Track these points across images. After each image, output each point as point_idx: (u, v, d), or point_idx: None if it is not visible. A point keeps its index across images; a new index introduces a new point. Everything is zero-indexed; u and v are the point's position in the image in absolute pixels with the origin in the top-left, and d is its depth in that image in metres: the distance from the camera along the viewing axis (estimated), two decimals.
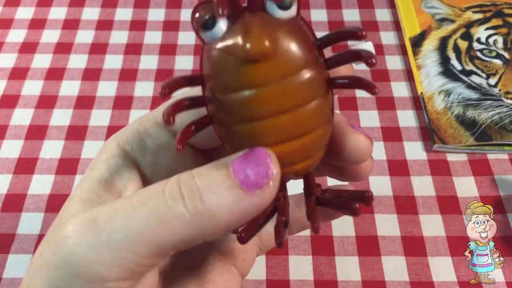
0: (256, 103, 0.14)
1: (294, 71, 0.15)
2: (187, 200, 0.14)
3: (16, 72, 0.39)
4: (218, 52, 0.14)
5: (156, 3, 0.44)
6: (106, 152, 0.17)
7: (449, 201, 0.32)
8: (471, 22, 0.40)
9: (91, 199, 0.16)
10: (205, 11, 0.14)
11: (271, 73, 0.14)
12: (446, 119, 0.35)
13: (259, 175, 0.14)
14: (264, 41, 0.14)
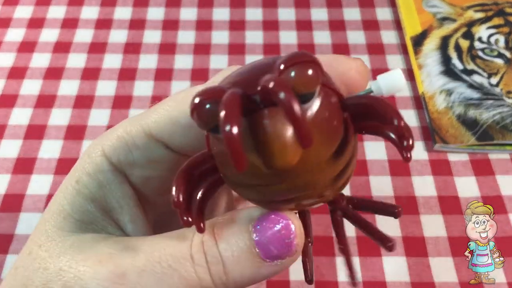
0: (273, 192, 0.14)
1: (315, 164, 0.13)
2: (212, 272, 0.14)
3: (14, 72, 0.39)
4: None
5: (155, 2, 0.44)
6: (92, 164, 0.16)
7: (450, 201, 0.32)
8: (473, 21, 0.40)
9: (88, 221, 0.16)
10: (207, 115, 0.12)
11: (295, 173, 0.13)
12: (447, 119, 0.35)
13: (282, 250, 0.14)
14: (287, 157, 0.12)
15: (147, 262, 0.14)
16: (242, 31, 0.42)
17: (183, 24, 0.43)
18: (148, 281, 0.14)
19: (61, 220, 0.15)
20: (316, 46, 0.41)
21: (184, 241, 0.15)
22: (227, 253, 0.14)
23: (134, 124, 0.17)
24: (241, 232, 0.14)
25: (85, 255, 0.14)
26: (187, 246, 0.14)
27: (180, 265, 0.14)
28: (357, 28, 0.42)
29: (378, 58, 0.40)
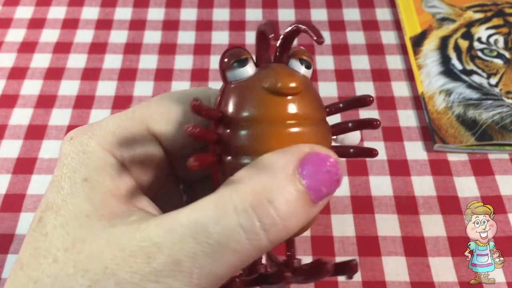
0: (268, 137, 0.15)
1: (308, 118, 0.16)
2: (270, 233, 0.14)
3: (15, 72, 0.39)
4: (249, 86, 0.16)
5: (155, 3, 0.44)
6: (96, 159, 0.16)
7: (450, 201, 0.32)
8: (472, 22, 0.40)
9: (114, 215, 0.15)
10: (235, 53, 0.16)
11: (290, 111, 0.16)
12: (446, 119, 0.35)
13: (332, 188, 0.14)
14: (294, 80, 0.16)
15: (196, 244, 0.13)
16: (242, 31, 0.42)
17: (183, 24, 0.43)
18: (203, 263, 0.13)
19: (85, 220, 0.15)
20: (316, 46, 0.41)
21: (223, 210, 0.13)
22: (284, 208, 0.13)
23: (127, 118, 0.17)
24: (291, 181, 0.14)
25: (130, 251, 0.14)
26: (232, 216, 0.13)
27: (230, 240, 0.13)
28: (357, 29, 0.42)
29: (377, 58, 0.40)
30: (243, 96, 0.16)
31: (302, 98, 0.16)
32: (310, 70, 0.17)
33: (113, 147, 0.16)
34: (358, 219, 0.31)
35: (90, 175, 0.15)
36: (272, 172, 0.14)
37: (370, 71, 0.39)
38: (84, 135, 0.16)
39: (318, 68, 0.40)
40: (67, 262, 0.14)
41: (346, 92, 0.38)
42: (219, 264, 0.13)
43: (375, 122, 0.17)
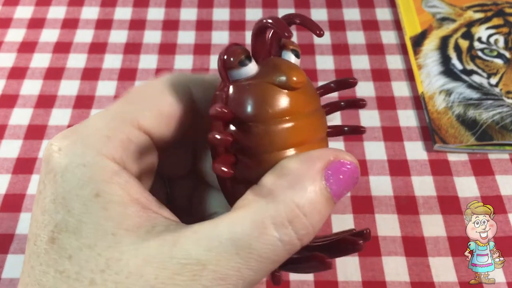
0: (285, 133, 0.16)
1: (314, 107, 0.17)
2: (304, 240, 0.15)
3: (15, 72, 0.39)
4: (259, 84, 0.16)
5: (155, 2, 0.44)
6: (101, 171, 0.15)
7: (450, 201, 0.32)
8: (472, 22, 0.40)
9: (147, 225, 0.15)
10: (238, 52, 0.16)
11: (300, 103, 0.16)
12: (447, 119, 0.35)
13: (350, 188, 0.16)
14: (301, 73, 0.16)
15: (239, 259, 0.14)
16: (242, 31, 0.42)
17: (183, 24, 0.43)
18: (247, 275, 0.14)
19: (112, 238, 0.14)
20: (316, 46, 0.41)
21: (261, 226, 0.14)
22: (315, 218, 0.15)
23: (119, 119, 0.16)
24: (320, 194, 0.15)
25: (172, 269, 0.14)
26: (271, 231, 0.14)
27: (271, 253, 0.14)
28: (357, 28, 0.42)
29: (377, 58, 0.40)
30: (256, 94, 0.16)
31: (307, 89, 0.17)
32: (299, 59, 0.18)
33: (111, 152, 0.16)
34: (358, 219, 0.31)
35: (100, 190, 0.15)
36: (303, 184, 0.15)
37: (370, 71, 0.39)
38: (76, 144, 0.16)
39: (318, 68, 0.40)
40: (107, 284, 0.14)
41: (346, 92, 0.38)
42: (261, 274, 0.15)
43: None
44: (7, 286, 0.29)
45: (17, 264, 0.29)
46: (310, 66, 0.40)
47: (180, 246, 0.14)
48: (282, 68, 0.16)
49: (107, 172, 0.15)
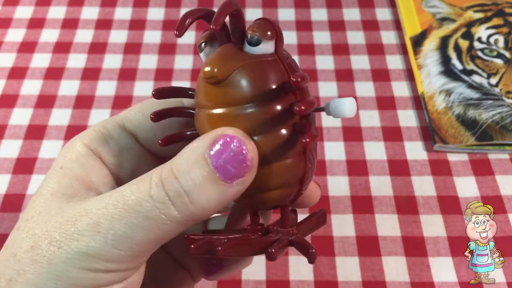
0: (206, 121, 0.16)
1: (241, 101, 0.16)
2: (177, 204, 0.15)
3: (15, 72, 0.39)
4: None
5: (155, 2, 0.44)
6: (74, 151, 0.18)
7: (450, 201, 0.32)
8: (472, 22, 0.40)
9: (72, 194, 0.17)
10: (204, 37, 0.17)
11: (220, 97, 0.16)
12: (446, 119, 0.35)
13: (239, 168, 0.15)
14: (213, 68, 0.16)
15: (115, 209, 0.15)
16: None
17: None
18: (118, 226, 0.15)
19: (48, 197, 0.17)
20: (316, 46, 0.41)
21: (143, 183, 0.16)
22: (188, 183, 0.15)
23: (110, 120, 0.19)
24: (198, 161, 0.15)
25: (67, 217, 0.16)
26: (146, 187, 0.16)
27: (142, 206, 0.15)
28: (357, 28, 0.42)
29: (377, 58, 0.40)
30: (198, 81, 0.17)
31: (232, 83, 0.16)
32: (260, 45, 0.16)
33: (91, 142, 0.18)
34: (358, 219, 0.31)
35: (65, 164, 0.18)
36: (186, 153, 0.16)
37: (370, 71, 0.39)
38: (78, 135, 0.19)
39: (318, 68, 0.40)
40: (24, 229, 0.17)
41: (346, 92, 0.38)
42: (132, 228, 0.15)
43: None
44: None
45: None
46: (310, 66, 0.40)
47: (84, 203, 0.16)
48: (207, 60, 0.16)
49: (77, 153, 0.18)
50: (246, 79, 0.16)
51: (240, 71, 0.16)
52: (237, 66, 0.16)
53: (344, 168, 0.34)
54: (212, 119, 0.16)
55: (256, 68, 0.16)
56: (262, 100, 0.16)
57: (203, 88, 0.16)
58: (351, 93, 0.38)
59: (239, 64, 0.16)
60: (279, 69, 0.16)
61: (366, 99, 0.37)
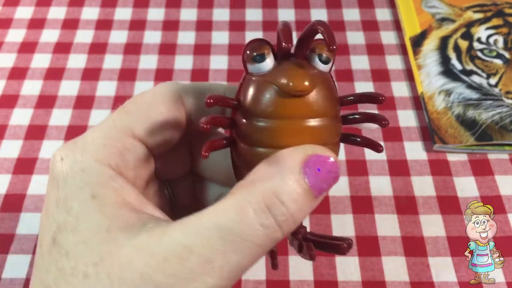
0: (279, 133, 0.17)
1: (318, 115, 0.17)
2: (284, 228, 0.16)
3: (15, 72, 0.39)
4: (264, 83, 0.17)
5: (155, 3, 0.44)
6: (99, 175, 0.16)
7: (450, 201, 0.32)
8: (472, 22, 0.40)
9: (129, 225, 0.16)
10: (256, 47, 0.17)
11: (300, 110, 0.17)
12: (446, 119, 0.35)
13: (331, 183, 0.17)
14: (305, 81, 0.17)
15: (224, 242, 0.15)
16: (242, 31, 0.42)
17: (183, 24, 0.43)
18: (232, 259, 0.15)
19: (105, 235, 0.15)
20: None
21: (243, 212, 0.15)
22: (293, 205, 0.16)
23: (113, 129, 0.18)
24: (298, 182, 0.16)
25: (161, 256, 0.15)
26: (250, 215, 0.15)
27: (252, 236, 0.15)
28: (357, 29, 0.42)
29: (377, 58, 0.40)
30: (259, 91, 0.17)
31: (313, 97, 0.17)
32: (328, 64, 0.18)
33: (107, 159, 0.17)
34: (358, 219, 0.31)
35: (96, 191, 0.16)
36: (281, 174, 0.16)
37: (370, 71, 0.39)
38: (76, 153, 0.17)
39: None
40: (99, 275, 0.15)
41: (346, 92, 0.38)
42: (245, 257, 0.15)
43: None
44: (8, 286, 0.29)
45: (17, 264, 0.30)
46: None
47: (168, 235, 0.15)
48: (287, 72, 0.17)
49: (102, 176, 0.17)
50: (324, 94, 0.17)
51: (321, 86, 0.17)
52: (319, 82, 0.17)
53: (344, 168, 0.34)
54: (289, 129, 0.17)
55: (329, 84, 0.18)
56: (331, 113, 0.18)
57: (275, 99, 0.17)
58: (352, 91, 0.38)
59: (319, 80, 0.17)
60: (334, 85, 0.18)
61: None
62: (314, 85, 0.17)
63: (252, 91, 0.17)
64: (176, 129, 0.19)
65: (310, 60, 0.18)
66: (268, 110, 0.17)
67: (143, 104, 0.19)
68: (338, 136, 0.18)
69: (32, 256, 0.30)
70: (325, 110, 0.17)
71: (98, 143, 0.17)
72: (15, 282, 0.29)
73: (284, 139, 0.17)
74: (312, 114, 0.17)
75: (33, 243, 0.30)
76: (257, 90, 0.17)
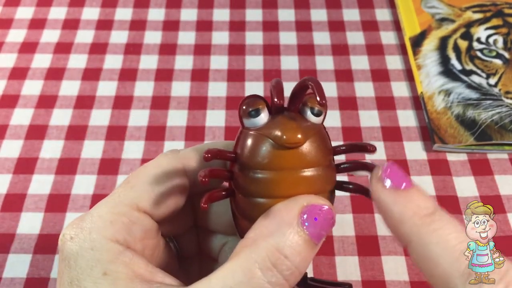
0: (275, 184, 0.18)
1: (312, 165, 0.18)
2: (291, 280, 0.16)
3: (16, 72, 0.39)
4: (259, 136, 0.18)
5: (156, 3, 0.44)
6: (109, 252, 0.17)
7: (449, 201, 0.32)
8: (471, 22, 0.40)
9: None
10: (251, 103, 0.18)
11: (295, 161, 0.18)
12: (446, 119, 0.35)
13: (328, 228, 0.17)
14: (298, 134, 0.18)
15: None
16: (242, 31, 0.42)
17: (184, 25, 0.43)
18: None
19: None
20: (316, 46, 0.41)
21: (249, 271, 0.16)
22: (297, 258, 0.16)
23: (119, 204, 0.19)
24: (298, 234, 0.17)
25: None
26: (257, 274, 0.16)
27: None
28: (357, 29, 0.42)
29: (377, 58, 0.40)
30: (255, 144, 0.18)
31: (306, 148, 0.18)
32: (320, 117, 0.19)
33: (115, 235, 0.18)
34: (357, 219, 0.31)
35: (107, 269, 0.17)
36: (281, 229, 0.17)
37: (369, 71, 0.39)
38: (84, 231, 0.18)
39: (318, 69, 0.40)
40: None
41: (346, 92, 0.38)
42: None
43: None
44: (8, 285, 0.29)
45: (18, 264, 0.30)
46: (310, 67, 0.40)
47: None
48: (281, 126, 0.18)
49: (112, 253, 0.17)
50: (317, 145, 0.18)
51: (313, 138, 0.18)
52: (311, 134, 0.18)
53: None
54: (285, 180, 0.18)
55: (321, 136, 0.19)
56: (325, 162, 0.19)
57: (270, 152, 0.18)
58: (351, 93, 0.38)
59: (312, 132, 0.18)
60: (327, 135, 0.19)
61: (365, 99, 0.38)
62: (306, 137, 0.18)
63: (248, 144, 0.18)
64: (180, 196, 0.20)
65: (302, 113, 0.19)
66: (263, 162, 0.18)
67: (146, 178, 0.19)
68: (332, 184, 0.19)
69: (32, 255, 0.30)
70: (319, 160, 0.18)
71: (105, 219, 0.18)
72: (15, 281, 0.29)
73: (280, 189, 0.18)
74: (306, 164, 0.18)
75: (34, 243, 0.30)
76: (253, 143, 0.18)
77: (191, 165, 0.20)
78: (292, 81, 0.39)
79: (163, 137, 0.35)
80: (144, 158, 0.34)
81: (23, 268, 0.29)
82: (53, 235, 0.31)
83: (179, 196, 0.20)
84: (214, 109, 0.37)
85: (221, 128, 0.36)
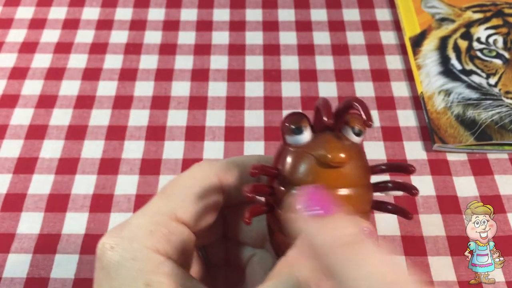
0: None
1: (352, 185, 0.18)
2: None
3: (16, 72, 0.39)
4: (303, 154, 0.18)
5: (156, 3, 0.44)
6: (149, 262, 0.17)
7: (449, 201, 0.32)
8: (471, 22, 0.40)
9: None
10: (295, 120, 0.19)
11: (336, 180, 0.18)
12: (446, 119, 0.35)
13: None
14: (342, 154, 0.18)
15: None
16: (242, 31, 0.42)
17: (184, 24, 0.43)
18: None
19: None
20: (316, 46, 0.41)
21: None
22: None
23: (158, 214, 0.19)
24: None
25: None
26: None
27: None
28: (357, 29, 0.42)
29: (377, 58, 0.40)
30: (297, 162, 0.18)
31: (348, 168, 0.18)
32: (361, 137, 0.19)
33: (155, 245, 0.18)
34: None
35: (149, 279, 0.17)
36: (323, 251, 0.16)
37: (369, 71, 0.39)
38: (124, 241, 0.18)
39: (318, 68, 0.40)
40: None
41: (346, 92, 0.38)
42: None
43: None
44: (8, 285, 0.29)
45: (18, 264, 0.30)
46: (310, 67, 0.40)
47: None
48: (326, 145, 0.18)
49: (153, 263, 0.17)
50: (358, 165, 0.19)
51: (355, 157, 0.19)
52: (354, 153, 0.19)
53: None
54: None
55: (362, 155, 0.19)
56: (364, 182, 0.19)
57: (313, 170, 0.18)
58: (351, 93, 0.38)
59: (354, 151, 0.19)
60: (365, 154, 0.20)
61: (365, 99, 0.38)
62: (350, 157, 0.18)
63: (291, 161, 0.18)
64: (215, 208, 0.20)
65: (344, 132, 0.19)
66: (306, 179, 0.18)
67: (183, 188, 0.19)
68: (369, 204, 0.20)
69: (32, 255, 0.30)
70: (359, 180, 0.19)
71: (145, 229, 0.18)
72: (15, 281, 0.29)
73: None
74: (346, 184, 0.18)
75: (34, 243, 0.30)
76: (296, 160, 0.18)
77: (228, 179, 0.20)
78: (292, 81, 0.39)
79: (163, 137, 0.35)
80: (144, 158, 0.34)
81: (23, 268, 0.29)
82: (53, 235, 0.31)
83: (215, 208, 0.20)
84: (214, 109, 0.37)
85: (221, 128, 0.36)
